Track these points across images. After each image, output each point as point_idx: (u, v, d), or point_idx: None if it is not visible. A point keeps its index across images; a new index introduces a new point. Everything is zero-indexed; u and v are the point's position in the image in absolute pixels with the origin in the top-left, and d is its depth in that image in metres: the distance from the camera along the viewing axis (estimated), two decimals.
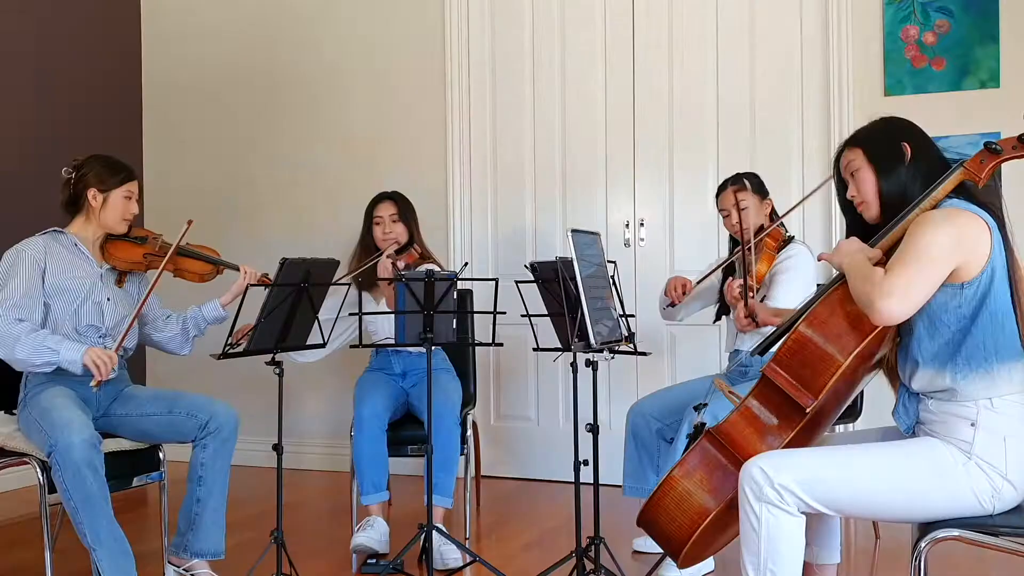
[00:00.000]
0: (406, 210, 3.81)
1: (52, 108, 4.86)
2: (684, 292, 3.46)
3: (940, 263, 2.02)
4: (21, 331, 2.86)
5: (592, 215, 4.65)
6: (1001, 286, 2.08)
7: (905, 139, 2.19)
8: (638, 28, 4.58)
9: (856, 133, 2.28)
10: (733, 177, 3.50)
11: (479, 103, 4.84)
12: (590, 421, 2.89)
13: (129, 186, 3.14)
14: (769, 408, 2.20)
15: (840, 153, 2.29)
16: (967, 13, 4.04)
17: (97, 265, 3.12)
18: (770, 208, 3.47)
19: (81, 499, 2.70)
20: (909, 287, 1.98)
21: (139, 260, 3.17)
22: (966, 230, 2.04)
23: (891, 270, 2.01)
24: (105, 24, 5.25)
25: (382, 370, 3.78)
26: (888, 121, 2.27)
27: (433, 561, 3.19)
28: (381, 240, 3.77)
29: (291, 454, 4.04)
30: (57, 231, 3.10)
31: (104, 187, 3.09)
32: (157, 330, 3.30)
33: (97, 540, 2.73)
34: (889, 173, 2.18)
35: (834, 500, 2.07)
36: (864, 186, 2.22)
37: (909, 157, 2.17)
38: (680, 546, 2.21)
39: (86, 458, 2.71)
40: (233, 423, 3.07)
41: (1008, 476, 2.04)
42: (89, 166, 3.11)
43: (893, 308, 1.98)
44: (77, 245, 3.10)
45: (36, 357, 2.86)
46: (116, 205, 3.11)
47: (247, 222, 5.22)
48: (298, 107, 5.16)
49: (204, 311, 3.29)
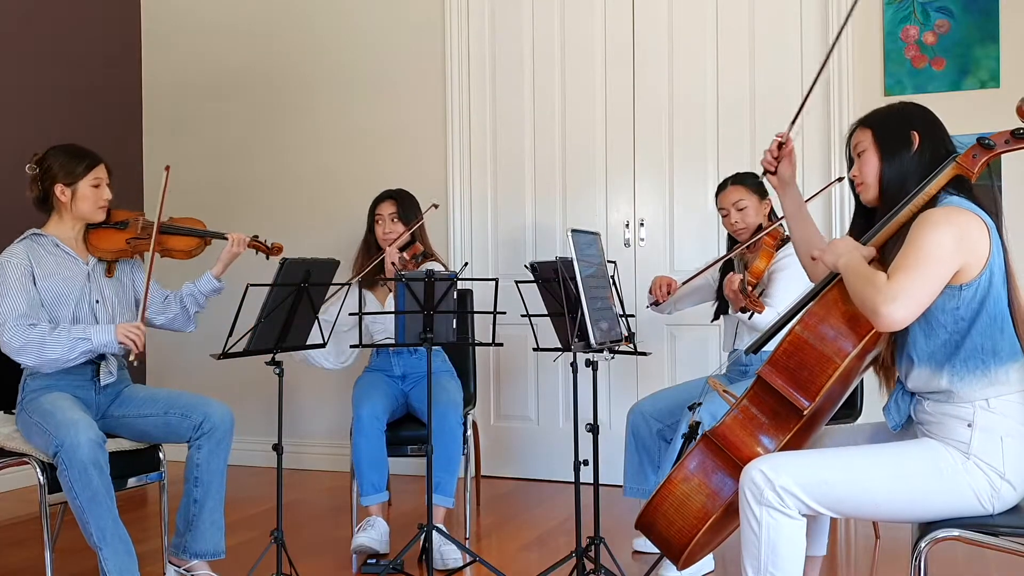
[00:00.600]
0: (407, 208, 3.80)
1: (52, 107, 4.86)
2: (669, 292, 3.49)
3: (944, 264, 2.00)
4: (42, 334, 2.84)
5: (592, 215, 4.65)
6: (1000, 289, 2.07)
7: (916, 127, 2.17)
8: (638, 28, 4.58)
9: (870, 114, 2.27)
10: (733, 176, 3.51)
11: (479, 103, 4.84)
12: (590, 421, 2.89)
13: (96, 172, 3.05)
14: (765, 410, 2.19)
15: (853, 131, 2.28)
16: (967, 13, 4.04)
17: (83, 262, 3.07)
18: (769, 208, 3.48)
19: (87, 498, 2.70)
20: (913, 291, 1.97)
21: (123, 247, 3.11)
22: (967, 230, 2.02)
23: (894, 274, 2.00)
24: (105, 22, 5.25)
25: (382, 371, 3.78)
26: (903, 107, 2.25)
27: (433, 561, 3.19)
28: (382, 239, 3.77)
29: (291, 454, 4.05)
30: (36, 233, 3.05)
31: (70, 179, 3.02)
32: (159, 313, 3.24)
33: (103, 539, 2.73)
34: (893, 159, 2.17)
35: (835, 502, 2.07)
36: (866, 168, 2.21)
37: (916, 146, 2.16)
38: (680, 550, 2.20)
39: (92, 457, 2.71)
40: (228, 423, 3.04)
41: (1007, 476, 2.04)
42: (52, 158, 3.04)
43: (898, 313, 1.97)
44: (58, 245, 3.04)
45: (70, 352, 2.85)
46: (86, 195, 3.04)
47: (247, 221, 5.20)
48: (298, 106, 5.16)
49: (199, 285, 3.23)
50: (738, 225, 3.44)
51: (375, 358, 3.85)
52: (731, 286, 3.10)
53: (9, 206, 4.42)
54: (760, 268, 3.24)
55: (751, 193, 3.43)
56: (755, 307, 3.03)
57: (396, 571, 3.12)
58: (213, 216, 5.15)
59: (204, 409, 3.02)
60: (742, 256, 3.41)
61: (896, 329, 2.04)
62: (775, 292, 3.27)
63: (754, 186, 3.45)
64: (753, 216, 3.42)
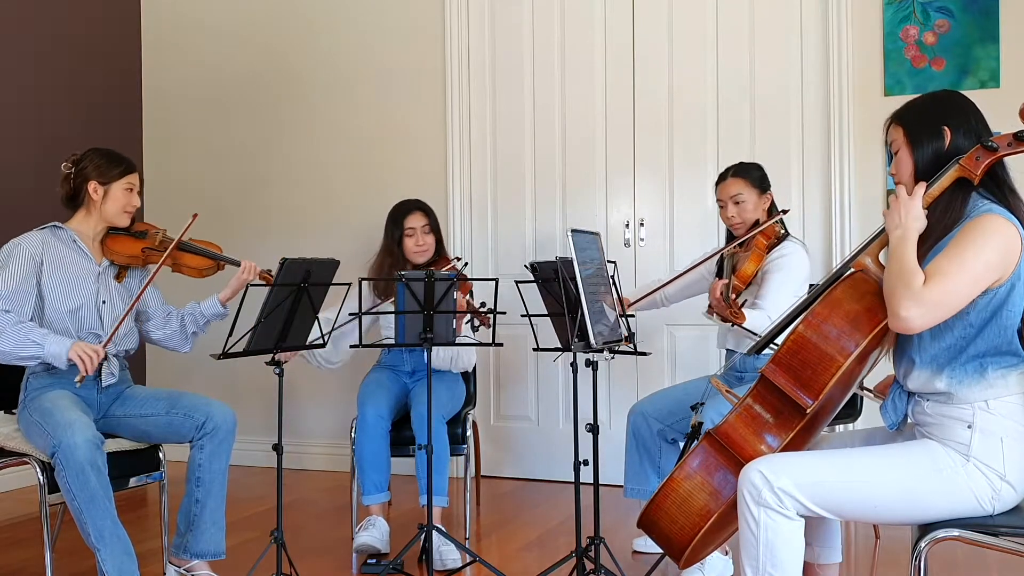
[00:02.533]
0: (435, 219, 3.81)
1: (53, 109, 4.86)
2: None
3: (982, 282, 1.99)
4: (6, 322, 2.84)
5: (592, 215, 4.65)
6: (1018, 300, 2.05)
7: (948, 122, 2.13)
8: (638, 28, 4.58)
9: (903, 108, 2.22)
10: (736, 167, 3.39)
11: (479, 103, 4.84)
12: (590, 421, 2.89)
13: (130, 178, 3.12)
14: (768, 409, 2.19)
15: (888, 126, 2.24)
16: (967, 13, 4.04)
17: (96, 262, 3.10)
18: (769, 202, 3.37)
19: (85, 499, 2.70)
20: (944, 302, 1.95)
21: (136, 254, 3.14)
22: (1012, 244, 2.00)
23: (932, 279, 1.96)
24: (105, 25, 5.24)
25: (392, 367, 3.78)
26: (934, 99, 2.22)
27: (433, 561, 3.19)
28: (413, 252, 3.74)
29: (291, 454, 4.05)
30: (56, 226, 3.09)
31: (105, 179, 3.08)
32: (157, 328, 3.26)
33: (101, 540, 2.72)
34: (925, 157, 2.14)
35: (834, 503, 2.07)
36: (900, 166, 2.18)
37: (948, 142, 2.12)
38: (682, 548, 2.20)
39: (89, 458, 2.70)
40: (230, 424, 3.04)
41: (1007, 477, 2.03)
42: (88, 159, 3.09)
43: (919, 321, 1.95)
44: (75, 241, 3.08)
45: (21, 349, 2.85)
46: (118, 197, 3.10)
47: (247, 222, 5.22)
48: (298, 108, 5.16)
49: (203, 307, 3.24)
50: (734, 220, 3.34)
51: (386, 355, 3.84)
52: (714, 293, 3.02)
53: (10, 207, 4.42)
54: (748, 272, 3.15)
55: (751, 187, 3.33)
56: (735, 319, 2.97)
57: (396, 571, 3.12)
58: (213, 217, 5.18)
59: (206, 409, 3.02)
60: (733, 256, 3.30)
61: (908, 333, 2.02)
62: (767, 294, 3.18)
63: (755, 180, 3.35)
64: (751, 211, 3.32)
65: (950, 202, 2.09)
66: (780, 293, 3.16)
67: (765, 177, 3.39)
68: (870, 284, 2.12)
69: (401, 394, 3.69)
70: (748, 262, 3.17)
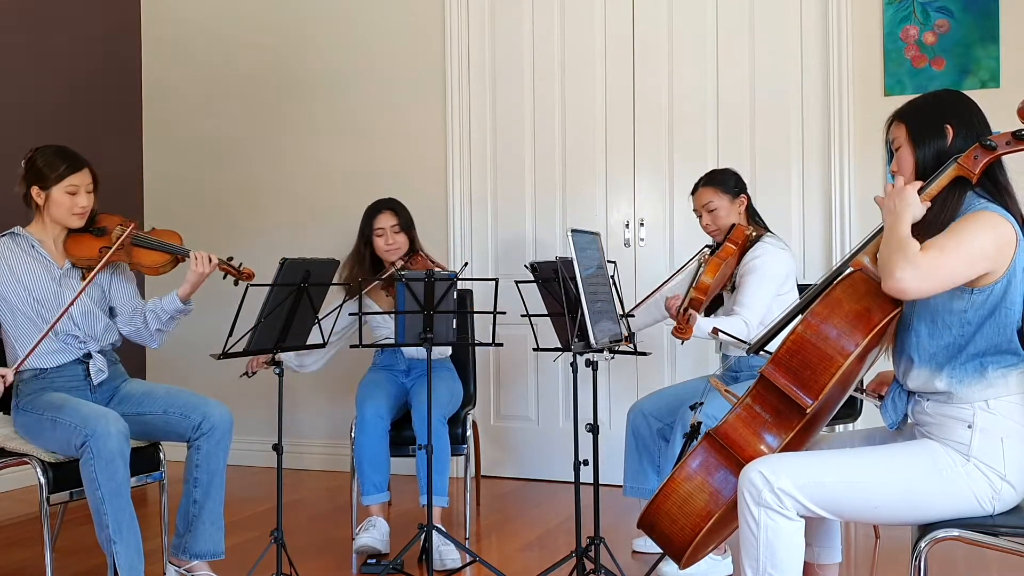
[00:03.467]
0: (407, 218, 3.80)
1: (53, 109, 4.86)
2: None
3: (976, 264, 1.99)
4: None
5: (592, 215, 4.65)
6: (1016, 299, 2.05)
7: (950, 120, 2.13)
8: (638, 28, 4.58)
9: (905, 106, 2.23)
10: (705, 177, 3.43)
11: (479, 103, 4.84)
12: (590, 421, 2.89)
13: (71, 179, 2.95)
14: (768, 408, 2.19)
15: (889, 124, 2.25)
16: (967, 13, 4.04)
17: (57, 266, 3.03)
18: (744, 204, 3.39)
19: (111, 490, 2.70)
20: (938, 271, 1.96)
21: (94, 256, 3.01)
22: (1007, 240, 2.01)
23: (928, 249, 1.98)
24: (105, 23, 5.24)
25: (388, 367, 3.78)
26: (936, 98, 2.23)
27: (433, 561, 3.19)
28: (384, 251, 3.74)
29: (291, 454, 4.04)
30: (15, 233, 3.02)
31: (44, 184, 2.96)
32: (124, 323, 3.16)
33: (119, 533, 2.72)
34: (927, 155, 2.14)
35: (834, 503, 2.07)
36: (902, 164, 2.19)
37: (951, 139, 2.13)
38: (683, 548, 2.20)
39: (120, 449, 2.72)
40: (227, 423, 3.02)
41: (1007, 477, 2.03)
42: (37, 159, 2.97)
43: (913, 283, 1.95)
44: (35, 247, 3.02)
45: None
46: (60, 201, 2.96)
47: (247, 222, 5.22)
48: (298, 108, 5.16)
49: (163, 303, 3.10)
50: (710, 228, 3.38)
51: (380, 355, 3.84)
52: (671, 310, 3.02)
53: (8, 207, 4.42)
54: (706, 283, 3.11)
55: (720, 194, 3.35)
56: (681, 335, 2.98)
57: (396, 571, 3.12)
58: (213, 217, 5.18)
59: (203, 409, 3.01)
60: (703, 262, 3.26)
61: (902, 297, 2.02)
62: (742, 298, 3.19)
63: (725, 185, 3.37)
64: (724, 217, 3.33)
65: (946, 200, 2.09)
66: (756, 296, 3.18)
67: (738, 180, 3.41)
68: (869, 284, 2.12)
69: (399, 394, 3.69)
70: (706, 272, 3.12)
